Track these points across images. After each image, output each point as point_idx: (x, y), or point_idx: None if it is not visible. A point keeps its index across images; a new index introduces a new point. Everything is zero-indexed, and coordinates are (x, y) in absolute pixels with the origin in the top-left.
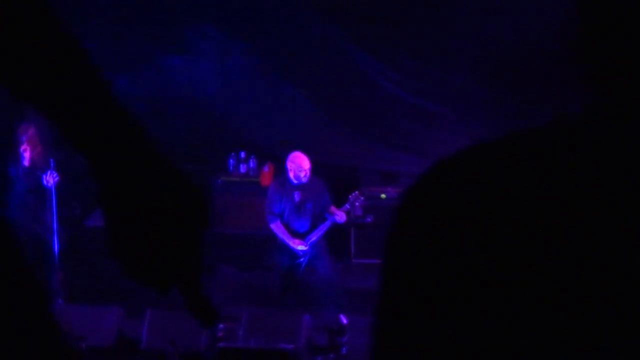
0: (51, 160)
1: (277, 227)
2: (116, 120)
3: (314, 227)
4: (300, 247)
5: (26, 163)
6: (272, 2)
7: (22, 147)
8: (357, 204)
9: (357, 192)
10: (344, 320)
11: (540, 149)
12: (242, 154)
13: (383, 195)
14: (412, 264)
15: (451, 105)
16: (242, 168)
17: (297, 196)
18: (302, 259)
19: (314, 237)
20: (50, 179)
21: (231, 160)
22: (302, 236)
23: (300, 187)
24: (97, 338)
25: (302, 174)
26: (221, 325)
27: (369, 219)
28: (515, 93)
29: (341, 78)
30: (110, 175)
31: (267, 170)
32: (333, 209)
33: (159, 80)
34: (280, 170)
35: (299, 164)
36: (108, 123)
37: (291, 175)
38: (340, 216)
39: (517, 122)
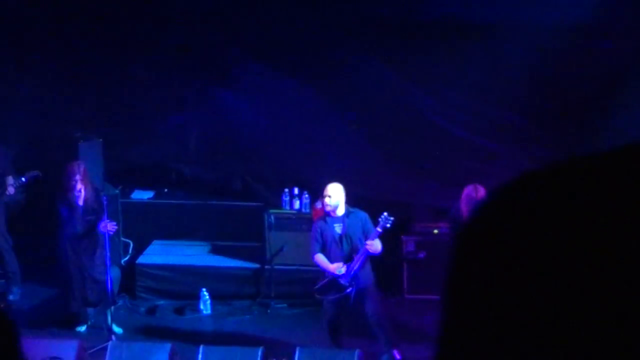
0: (104, 197)
1: (318, 258)
2: None
3: (357, 253)
4: (339, 270)
5: (80, 202)
6: (324, 39)
7: (78, 187)
8: (387, 225)
9: (385, 213)
10: (397, 356)
11: (602, 176)
12: (295, 190)
13: (435, 231)
14: (479, 300)
15: (504, 142)
16: (295, 204)
17: (338, 229)
18: (349, 290)
19: (354, 267)
20: (108, 227)
21: (284, 197)
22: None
23: (342, 220)
24: None
25: (323, 200)
26: None
27: (421, 255)
28: (568, 132)
29: (393, 114)
30: None
31: (320, 206)
32: (367, 241)
33: (212, 118)
34: None
35: (327, 193)
36: None
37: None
38: (371, 245)
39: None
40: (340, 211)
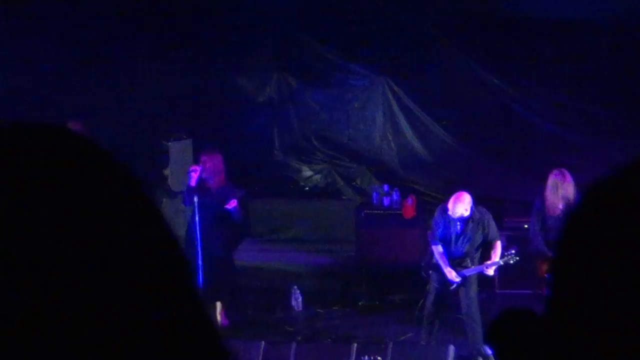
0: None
1: (436, 250)
2: None
3: (467, 256)
4: (454, 279)
5: (192, 183)
6: (412, 37)
7: (192, 167)
8: (510, 262)
9: (513, 250)
10: (489, 351)
11: None
12: (386, 187)
13: (526, 226)
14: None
15: (596, 137)
16: (386, 201)
17: (459, 226)
18: (452, 288)
19: (467, 274)
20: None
21: (375, 193)
22: (455, 263)
23: (465, 219)
24: None
25: (451, 213)
26: (366, 358)
27: (513, 250)
28: None
29: (483, 110)
30: None
31: (410, 203)
32: (488, 265)
33: (302, 117)
34: (423, 203)
35: (453, 205)
36: None
37: (447, 207)
38: (488, 270)
39: None
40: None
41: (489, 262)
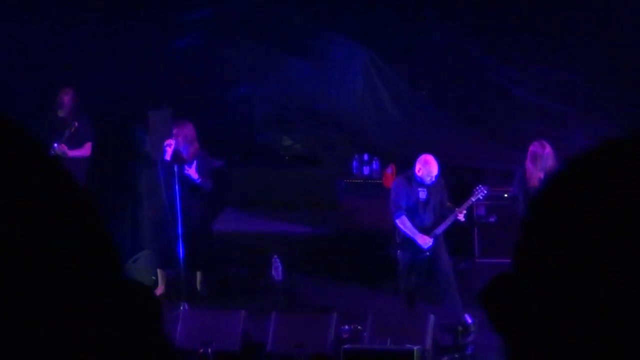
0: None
1: (402, 222)
2: None
3: (436, 221)
4: (427, 243)
5: (167, 157)
6: (394, 7)
7: (166, 142)
8: (480, 196)
9: (481, 185)
10: (469, 320)
11: None
12: (366, 157)
13: (506, 195)
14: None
15: (573, 104)
16: (366, 170)
17: (422, 193)
18: (426, 255)
19: (438, 232)
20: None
21: (355, 163)
22: (425, 230)
23: (426, 185)
24: (222, 342)
25: (428, 179)
26: (347, 327)
27: (492, 219)
28: (637, 92)
29: (463, 79)
30: None
31: (390, 172)
32: (460, 208)
33: (282, 86)
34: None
35: (429, 170)
36: None
37: (419, 175)
38: (463, 215)
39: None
40: None
41: (458, 208)
